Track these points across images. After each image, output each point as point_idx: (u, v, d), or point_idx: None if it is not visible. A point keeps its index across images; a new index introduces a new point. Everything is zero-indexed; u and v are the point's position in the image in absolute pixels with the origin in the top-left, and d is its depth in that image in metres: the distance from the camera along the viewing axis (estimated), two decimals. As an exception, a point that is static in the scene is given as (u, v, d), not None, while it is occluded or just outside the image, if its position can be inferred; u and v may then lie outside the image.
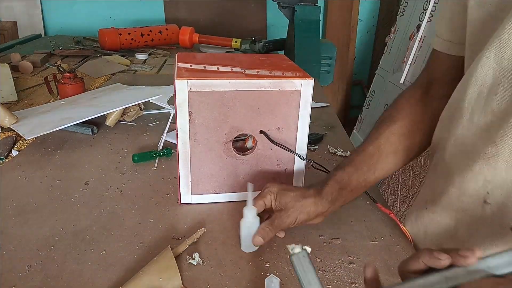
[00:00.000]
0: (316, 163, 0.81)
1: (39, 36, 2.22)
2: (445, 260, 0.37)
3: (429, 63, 0.70)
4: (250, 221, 0.60)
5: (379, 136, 0.66)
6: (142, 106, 1.10)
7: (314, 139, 0.98)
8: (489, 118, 0.51)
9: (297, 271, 0.43)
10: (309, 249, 0.44)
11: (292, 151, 0.71)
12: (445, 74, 0.66)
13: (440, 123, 0.63)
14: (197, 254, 0.59)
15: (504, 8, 0.49)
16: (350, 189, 0.64)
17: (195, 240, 0.63)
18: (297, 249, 0.44)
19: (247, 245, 0.61)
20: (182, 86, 0.63)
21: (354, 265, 0.60)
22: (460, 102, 0.55)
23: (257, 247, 0.62)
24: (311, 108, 0.70)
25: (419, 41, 1.93)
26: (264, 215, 0.64)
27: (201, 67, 0.70)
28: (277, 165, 0.73)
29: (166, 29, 1.96)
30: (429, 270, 0.38)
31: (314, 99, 0.81)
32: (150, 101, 1.06)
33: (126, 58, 1.71)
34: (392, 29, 2.28)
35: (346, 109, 2.86)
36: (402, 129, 0.66)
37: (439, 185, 0.61)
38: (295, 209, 0.60)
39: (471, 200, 0.55)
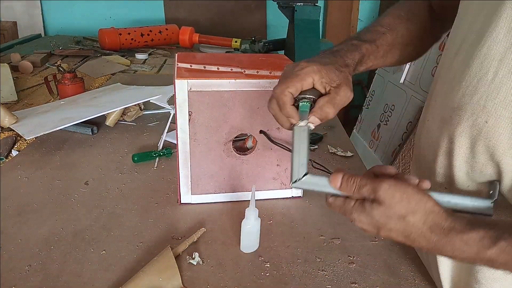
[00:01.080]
0: (316, 162, 0.81)
1: (39, 36, 2.22)
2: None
3: None
4: (251, 222, 0.60)
5: (396, 27, 0.63)
6: (142, 106, 1.10)
7: (314, 139, 0.98)
8: (449, 113, 0.51)
9: (294, 140, 0.49)
10: (312, 126, 0.50)
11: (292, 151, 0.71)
12: (441, 5, 0.65)
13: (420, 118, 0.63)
14: (197, 254, 0.59)
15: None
16: (367, 66, 0.60)
17: (195, 240, 0.63)
18: (302, 123, 0.49)
19: (247, 246, 0.61)
20: (182, 86, 0.63)
21: (354, 265, 0.60)
22: (432, 94, 0.55)
23: (256, 248, 0.62)
24: (311, 108, 0.70)
25: (419, 41, 1.93)
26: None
27: (201, 67, 0.70)
28: (277, 164, 0.73)
29: (166, 29, 1.96)
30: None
31: (314, 99, 0.81)
32: (150, 101, 1.06)
33: (126, 58, 1.71)
34: (392, 29, 2.27)
35: (346, 109, 2.85)
36: (416, 32, 0.65)
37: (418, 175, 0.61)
38: (348, 80, 0.54)
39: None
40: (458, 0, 0.56)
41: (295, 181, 0.47)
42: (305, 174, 0.47)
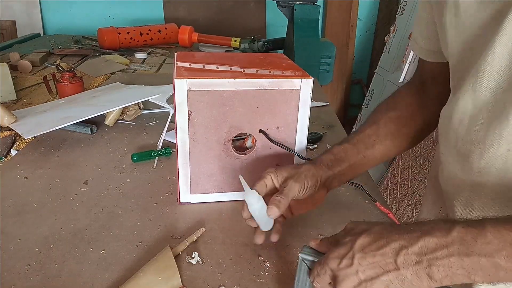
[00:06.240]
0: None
1: (38, 35, 2.21)
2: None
3: (419, 65, 0.70)
4: (256, 204, 0.58)
5: (377, 120, 0.67)
6: (141, 106, 1.10)
7: (313, 138, 0.98)
8: (468, 147, 0.51)
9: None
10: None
11: (292, 151, 0.71)
12: (435, 77, 0.66)
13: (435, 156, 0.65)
14: (196, 253, 0.59)
15: (480, 40, 0.49)
16: (349, 163, 0.63)
17: (194, 240, 0.63)
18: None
19: (265, 223, 0.59)
20: (181, 86, 0.63)
21: (354, 264, 0.59)
22: (448, 130, 0.56)
23: (272, 224, 0.59)
24: (311, 107, 0.70)
25: (419, 40, 1.93)
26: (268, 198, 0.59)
27: (200, 66, 0.70)
28: (277, 164, 0.73)
29: (165, 28, 1.96)
30: None
31: (313, 98, 0.81)
32: (149, 100, 1.06)
33: (125, 57, 1.71)
34: (392, 28, 2.28)
35: (345, 108, 2.86)
36: (400, 117, 0.67)
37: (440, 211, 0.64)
38: (299, 174, 0.58)
39: None
40: (447, 67, 0.58)
41: None
42: None
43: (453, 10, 0.52)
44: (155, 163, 0.86)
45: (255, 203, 0.58)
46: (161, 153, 0.88)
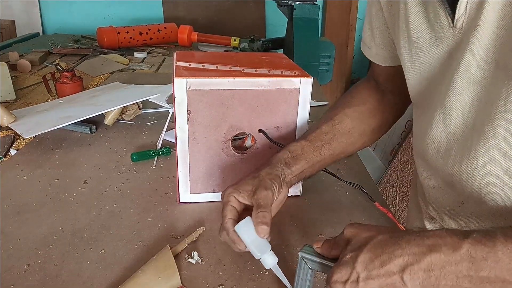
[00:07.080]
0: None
1: (37, 34, 2.21)
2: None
3: (372, 66, 0.71)
4: (245, 229, 0.53)
5: (333, 117, 0.66)
6: (141, 105, 1.10)
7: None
8: (449, 179, 0.52)
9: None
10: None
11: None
12: (389, 77, 0.67)
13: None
14: (196, 253, 0.59)
15: (438, 75, 0.50)
16: (305, 161, 0.62)
17: (194, 239, 0.63)
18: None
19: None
20: (181, 85, 0.63)
21: (353, 263, 0.59)
22: (425, 156, 0.56)
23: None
24: (310, 106, 0.70)
25: (418, 39, 1.93)
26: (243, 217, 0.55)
27: (199, 65, 0.70)
28: (276, 164, 0.73)
29: (165, 27, 1.96)
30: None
31: (313, 97, 0.81)
32: (149, 100, 1.06)
33: (125, 57, 1.71)
34: (391, 28, 2.27)
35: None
36: (357, 114, 0.66)
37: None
38: (263, 180, 0.56)
39: None
40: (399, 69, 0.58)
41: None
42: None
43: (407, 44, 0.53)
44: (155, 162, 0.86)
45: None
46: (160, 152, 0.88)
